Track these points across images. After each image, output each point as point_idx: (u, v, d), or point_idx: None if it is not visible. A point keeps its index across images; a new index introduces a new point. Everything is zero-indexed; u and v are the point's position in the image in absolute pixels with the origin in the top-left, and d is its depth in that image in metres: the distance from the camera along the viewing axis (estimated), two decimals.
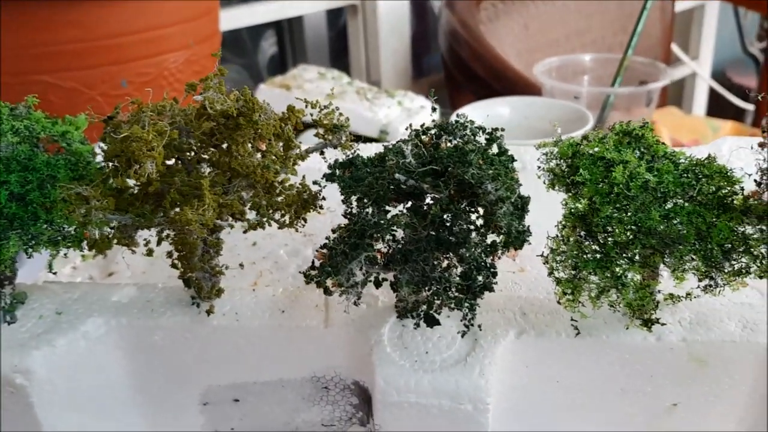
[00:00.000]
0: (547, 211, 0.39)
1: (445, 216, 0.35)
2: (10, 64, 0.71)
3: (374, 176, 0.34)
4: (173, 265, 0.38)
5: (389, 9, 1.36)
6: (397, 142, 0.35)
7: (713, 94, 1.94)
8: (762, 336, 0.38)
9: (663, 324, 0.37)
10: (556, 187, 0.38)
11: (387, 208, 0.36)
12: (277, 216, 0.38)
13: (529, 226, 0.36)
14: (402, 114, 0.89)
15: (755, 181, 0.34)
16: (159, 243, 0.36)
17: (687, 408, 0.41)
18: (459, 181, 0.33)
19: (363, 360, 0.40)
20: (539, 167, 0.38)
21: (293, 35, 1.53)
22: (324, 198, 0.40)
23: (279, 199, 0.38)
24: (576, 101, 0.75)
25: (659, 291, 0.37)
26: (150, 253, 0.37)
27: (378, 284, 0.36)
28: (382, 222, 0.33)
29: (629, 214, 0.33)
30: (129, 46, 0.77)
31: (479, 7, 1.25)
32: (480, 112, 0.74)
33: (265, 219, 0.37)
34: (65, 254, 0.39)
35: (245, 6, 1.23)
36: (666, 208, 0.34)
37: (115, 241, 0.37)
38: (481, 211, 0.34)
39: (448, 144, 0.37)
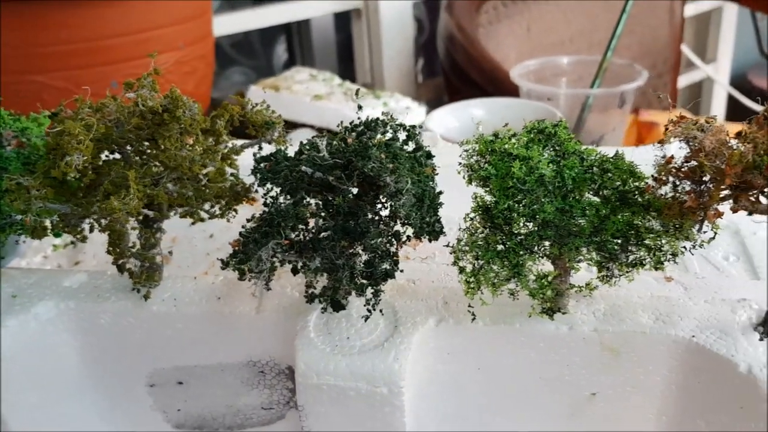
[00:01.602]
0: None
1: (359, 206, 0.37)
2: (5, 65, 0.74)
3: (289, 169, 0.36)
4: (108, 252, 0.40)
5: (393, 12, 1.38)
6: (314, 137, 0.37)
7: (732, 98, 1.92)
8: (673, 328, 0.39)
9: (564, 313, 0.39)
10: (473, 183, 0.39)
11: (308, 200, 0.38)
12: (207, 206, 0.40)
13: (440, 218, 0.38)
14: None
15: (653, 176, 0.36)
16: (91, 230, 0.39)
17: (606, 397, 0.42)
18: (364, 174, 0.35)
19: (293, 345, 0.42)
20: (460, 163, 0.40)
21: (302, 39, 1.56)
22: (257, 191, 0.42)
23: (209, 191, 0.40)
24: (549, 103, 0.76)
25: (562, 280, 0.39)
26: (83, 239, 0.39)
27: (295, 271, 0.38)
28: (289, 211, 0.35)
29: (524, 206, 0.35)
30: (119, 47, 0.80)
31: (479, 11, 1.26)
32: (455, 114, 0.76)
33: (193, 209, 0.40)
34: (17, 241, 0.42)
35: (248, 10, 1.26)
36: (564, 201, 0.36)
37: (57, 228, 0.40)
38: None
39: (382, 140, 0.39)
